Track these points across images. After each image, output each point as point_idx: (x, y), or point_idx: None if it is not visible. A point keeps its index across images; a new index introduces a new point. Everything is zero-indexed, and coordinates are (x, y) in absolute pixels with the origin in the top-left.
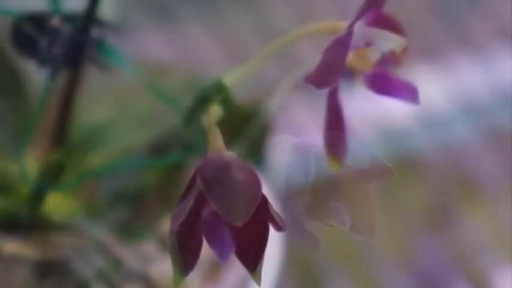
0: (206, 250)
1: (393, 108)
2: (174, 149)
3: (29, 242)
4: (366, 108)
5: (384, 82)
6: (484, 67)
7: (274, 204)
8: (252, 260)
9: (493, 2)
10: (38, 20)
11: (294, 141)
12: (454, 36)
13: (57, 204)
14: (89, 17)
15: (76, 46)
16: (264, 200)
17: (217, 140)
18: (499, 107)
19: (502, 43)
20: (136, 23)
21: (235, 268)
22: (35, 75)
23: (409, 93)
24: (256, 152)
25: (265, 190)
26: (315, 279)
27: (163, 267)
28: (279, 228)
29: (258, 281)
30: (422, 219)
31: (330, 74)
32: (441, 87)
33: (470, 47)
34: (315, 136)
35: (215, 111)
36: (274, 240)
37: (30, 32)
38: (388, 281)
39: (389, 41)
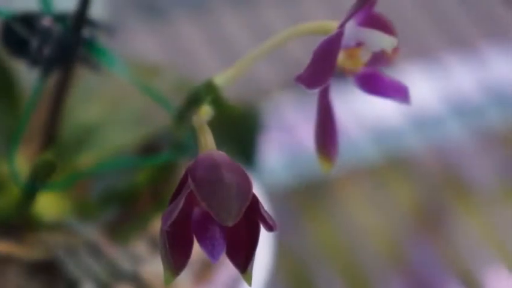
0: (197, 250)
1: (384, 108)
2: (165, 149)
3: (20, 242)
4: (357, 108)
5: (375, 82)
6: (475, 67)
7: (266, 204)
8: (243, 260)
9: (484, 2)
10: (29, 20)
11: (285, 142)
12: (445, 36)
13: (48, 204)
14: (80, 17)
15: (67, 46)
16: (255, 200)
17: (208, 140)
18: (490, 106)
19: (493, 43)
20: (127, 23)
21: (226, 268)
22: (26, 75)
23: (400, 93)
24: (247, 152)
25: (256, 190)
26: (306, 279)
27: (154, 267)
28: (270, 228)
29: (249, 281)
30: (414, 219)
31: (320, 74)
32: (432, 87)
33: (462, 46)
34: (306, 136)
35: (206, 111)
36: (265, 241)
37: (21, 32)
38: (380, 281)
39: (380, 41)
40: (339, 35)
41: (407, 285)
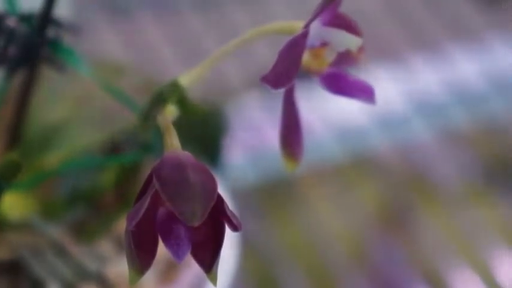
0: (162, 250)
1: (350, 107)
2: (131, 149)
3: None
4: (322, 108)
5: (340, 82)
6: (440, 67)
7: (230, 204)
8: (208, 260)
9: (449, 2)
10: None
11: (250, 141)
12: (410, 36)
13: (13, 204)
14: (45, 17)
15: (32, 46)
16: (220, 200)
17: (173, 140)
18: (455, 106)
19: (458, 43)
20: (92, 23)
21: (191, 268)
22: None
23: (366, 92)
24: (212, 151)
25: (221, 190)
26: (271, 279)
27: (119, 267)
28: (234, 228)
29: (214, 281)
30: (379, 218)
31: (285, 74)
32: (397, 87)
33: (426, 46)
34: (271, 136)
35: (171, 111)
36: (230, 240)
37: None
38: (346, 281)
39: (345, 41)
40: (304, 35)
41: (373, 285)
